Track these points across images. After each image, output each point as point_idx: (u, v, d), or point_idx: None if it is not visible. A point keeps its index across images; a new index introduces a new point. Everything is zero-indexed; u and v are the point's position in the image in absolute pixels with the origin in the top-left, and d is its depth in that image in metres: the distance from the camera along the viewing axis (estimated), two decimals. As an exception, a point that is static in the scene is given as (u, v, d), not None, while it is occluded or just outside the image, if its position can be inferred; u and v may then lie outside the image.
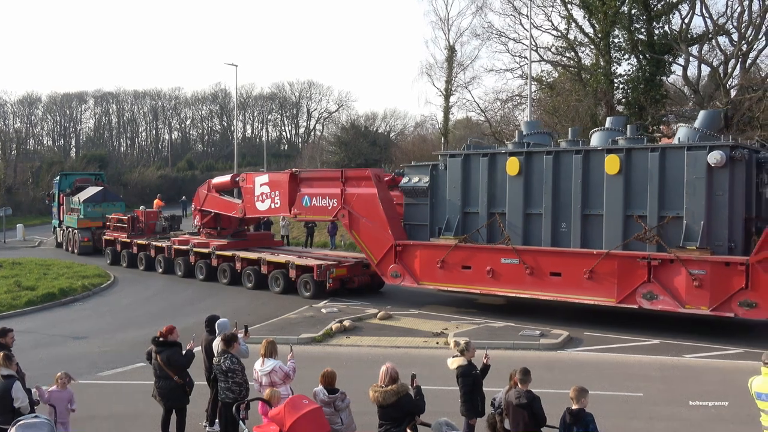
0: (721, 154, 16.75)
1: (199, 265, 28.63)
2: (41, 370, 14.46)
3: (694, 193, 17.20)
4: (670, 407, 12.49)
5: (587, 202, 18.91)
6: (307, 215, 25.43)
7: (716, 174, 17.01)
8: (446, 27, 51.67)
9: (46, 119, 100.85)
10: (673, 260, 17.29)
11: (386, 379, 8.42)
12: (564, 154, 19.46)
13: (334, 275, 23.97)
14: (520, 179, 19.94)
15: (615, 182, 18.34)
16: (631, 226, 18.18)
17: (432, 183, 21.86)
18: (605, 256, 18.20)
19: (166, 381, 10.55)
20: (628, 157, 18.26)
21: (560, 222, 19.37)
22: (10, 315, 21.79)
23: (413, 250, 21.65)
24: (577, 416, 8.04)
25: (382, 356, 15.77)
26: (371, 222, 22.49)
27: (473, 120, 55.55)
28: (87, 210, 38.16)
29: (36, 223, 57.26)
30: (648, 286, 17.68)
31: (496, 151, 21.01)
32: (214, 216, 29.86)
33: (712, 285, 16.84)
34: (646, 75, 35.21)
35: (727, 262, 16.75)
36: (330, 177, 24.56)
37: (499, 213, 20.37)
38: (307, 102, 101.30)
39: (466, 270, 20.58)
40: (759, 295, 16.29)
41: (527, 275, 19.49)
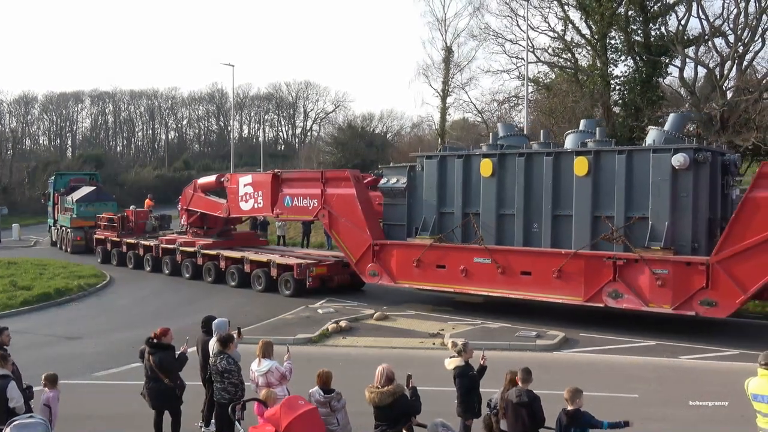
0: (684, 157, 17.15)
1: (185, 263, 29.00)
2: (36, 370, 14.44)
3: (659, 195, 17.61)
4: (666, 408, 12.50)
5: (557, 202, 19.32)
6: (288, 215, 25.95)
7: (680, 176, 17.45)
8: (443, 28, 51.77)
9: (42, 119, 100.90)
10: (638, 260, 17.71)
11: (382, 379, 8.42)
12: (536, 156, 19.87)
13: (314, 274, 24.42)
14: (493, 180, 20.38)
15: (584, 184, 18.78)
16: (600, 226, 18.59)
17: (409, 184, 22.28)
18: (573, 255, 18.62)
19: (156, 383, 10.51)
20: (596, 159, 18.69)
21: (532, 222, 19.79)
22: (5, 315, 21.74)
23: (390, 250, 22.06)
24: (574, 417, 8.04)
25: (378, 357, 15.73)
26: (350, 222, 22.86)
27: (470, 121, 55.66)
28: (80, 209, 38.65)
29: (32, 223, 57.16)
30: (613, 285, 18.09)
31: (471, 153, 21.38)
32: (200, 215, 30.36)
33: (674, 284, 17.24)
34: (642, 76, 35.27)
35: (688, 262, 17.17)
36: (311, 178, 25.03)
37: (473, 213, 20.79)
38: (303, 102, 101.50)
39: (441, 269, 20.97)
40: (718, 294, 16.71)
41: (499, 274, 19.87)
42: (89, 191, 39.91)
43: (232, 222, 30.60)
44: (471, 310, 21.21)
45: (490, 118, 46.07)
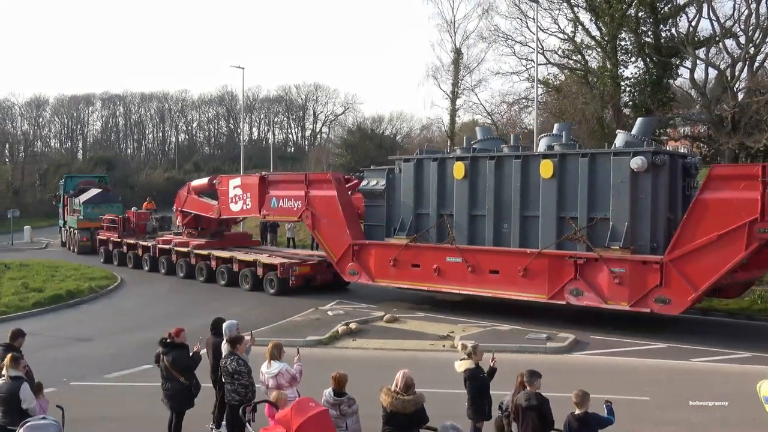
0: (642, 160, 17.71)
1: (179, 263, 29.92)
2: (48, 372, 14.52)
3: (619, 196, 18.19)
4: (677, 411, 12.45)
5: (525, 204, 19.96)
6: (274, 216, 26.97)
7: (639, 178, 18.00)
8: (452, 30, 51.68)
9: (53, 121, 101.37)
10: (597, 259, 18.36)
11: (401, 385, 8.34)
12: (505, 159, 20.53)
13: (297, 273, 25.20)
14: (465, 183, 21.04)
15: (549, 186, 19.41)
16: (565, 227, 19.20)
17: (388, 186, 23.06)
18: (537, 255, 19.33)
19: (172, 383, 10.57)
20: (561, 162, 19.31)
21: (502, 223, 20.44)
22: (17, 316, 21.83)
23: (369, 249, 22.85)
24: (584, 420, 8.00)
25: (388, 359, 15.79)
26: (331, 223, 23.69)
27: (479, 123, 55.53)
28: (86, 211, 39.84)
29: (43, 225, 57.44)
30: (575, 283, 18.75)
31: (446, 156, 22.23)
32: (194, 217, 31.16)
33: (631, 282, 17.84)
34: (653, 78, 35.14)
35: (644, 261, 17.74)
36: (295, 180, 25.81)
37: (447, 214, 21.46)
38: (313, 104, 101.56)
39: (416, 268, 21.75)
40: (672, 291, 17.30)
41: (469, 273, 20.58)
42: (96, 193, 41.16)
43: (226, 223, 31.47)
44: (481, 313, 21.17)
45: (499, 120, 46.02)
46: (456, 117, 52.78)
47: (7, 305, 22.74)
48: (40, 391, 9.58)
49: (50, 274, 29.13)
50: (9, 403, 8.96)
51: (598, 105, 36.47)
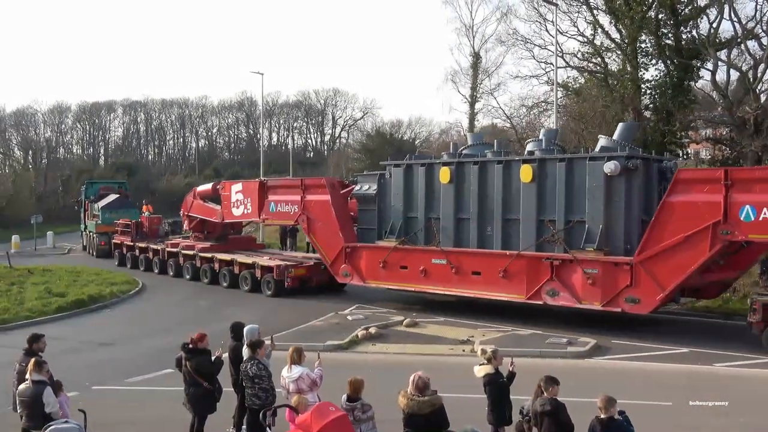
0: (615, 164, 18.29)
1: (185, 266, 31.06)
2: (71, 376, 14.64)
3: (594, 200, 18.83)
4: (699, 417, 12.31)
5: (507, 207, 20.63)
6: (273, 220, 28.04)
7: (613, 182, 18.60)
8: (471, 34, 51.61)
9: (75, 128, 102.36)
10: (572, 260, 18.99)
11: (417, 386, 8.31)
12: (488, 164, 21.24)
13: (293, 275, 26.16)
14: (451, 187, 21.78)
15: (529, 190, 20.10)
16: (544, 229, 19.84)
17: (379, 190, 23.87)
18: (516, 256, 20.04)
19: (195, 388, 10.62)
20: (540, 167, 19.98)
21: (486, 226, 21.12)
22: (41, 321, 22.08)
23: (360, 252, 23.74)
24: (608, 425, 7.90)
25: (408, 364, 15.72)
26: (325, 226, 24.57)
27: (498, 126, 55.33)
28: (105, 216, 41.58)
29: (66, 231, 58.06)
30: (551, 284, 19.39)
31: (433, 161, 22.94)
32: (200, 221, 32.33)
33: (603, 283, 18.46)
34: (673, 80, 34.80)
35: (615, 262, 18.36)
36: (292, 185, 26.76)
37: (434, 218, 22.22)
38: (332, 109, 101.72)
39: (404, 269, 22.57)
40: (641, 291, 17.89)
41: (453, 274, 21.33)
42: (113, 199, 42.92)
43: (232, 226, 32.65)
44: (501, 317, 21.09)
45: (518, 123, 45.78)
46: (475, 121, 52.66)
47: (30, 310, 23.02)
48: (60, 389, 9.69)
49: (72, 279, 29.44)
50: (32, 407, 9.07)
51: (619, 108, 36.14)
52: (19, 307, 23.26)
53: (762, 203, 16.13)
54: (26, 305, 23.59)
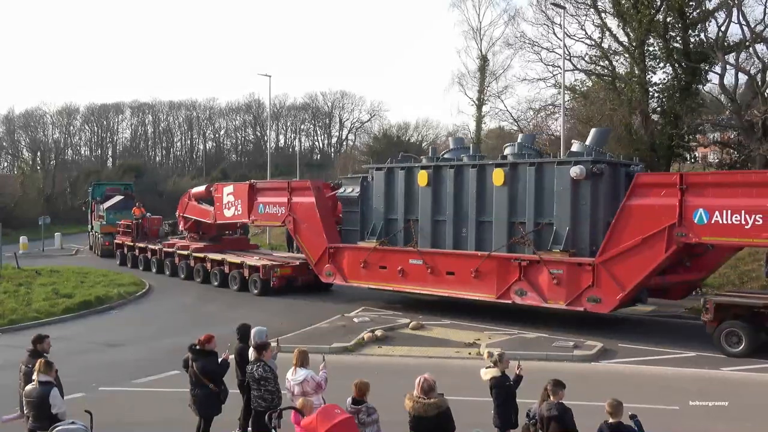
0: (581, 168, 18.87)
1: (180, 265, 32.24)
2: (78, 377, 14.69)
3: (562, 203, 19.46)
4: (707, 421, 12.26)
5: (481, 210, 21.35)
6: (262, 221, 28.80)
7: (580, 186, 19.21)
8: (478, 37, 51.63)
9: (84, 129, 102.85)
10: (539, 261, 19.56)
11: (422, 388, 8.29)
12: (463, 167, 21.93)
13: (278, 274, 26.94)
14: (429, 190, 22.47)
15: (501, 193, 20.83)
16: (515, 231, 20.54)
17: (362, 193, 24.60)
18: (487, 257, 20.71)
19: (201, 389, 10.63)
20: (512, 171, 20.69)
21: (461, 227, 21.78)
22: (48, 322, 22.17)
23: (342, 252, 24.47)
24: (617, 430, 7.87)
25: (414, 366, 15.72)
26: (310, 227, 25.33)
27: (506, 129, 55.25)
28: (109, 217, 42.69)
29: (74, 232, 58.27)
30: (519, 284, 20.03)
31: (412, 165, 23.51)
32: (195, 221, 33.18)
33: (567, 283, 19.09)
34: (681, 84, 34.72)
35: (579, 263, 18.98)
36: (279, 187, 27.48)
37: (413, 219, 22.93)
38: (339, 112, 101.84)
39: (383, 269, 23.28)
40: (602, 291, 18.51)
41: (429, 274, 22.03)
42: (118, 200, 43.92)
43: (227, 227, 33.46)
44: (507, 320, 21.07)
45: (526, 126, 45.68)
46: (482, 124, 52.66)
47: (38, 311, 23.10)
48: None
49: (80, 280, 29.55)
50: (39, 408, 9.09)
51: (626, 111, 36.07)
52: (26, 308, 23.34)
53: (714, 207, 16.75)
54: (34, 306, 23.67)
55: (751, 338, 16.75)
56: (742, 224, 16.35)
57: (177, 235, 36.86)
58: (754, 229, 16.23)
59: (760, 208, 16.15)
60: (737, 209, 16.41)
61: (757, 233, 16.24)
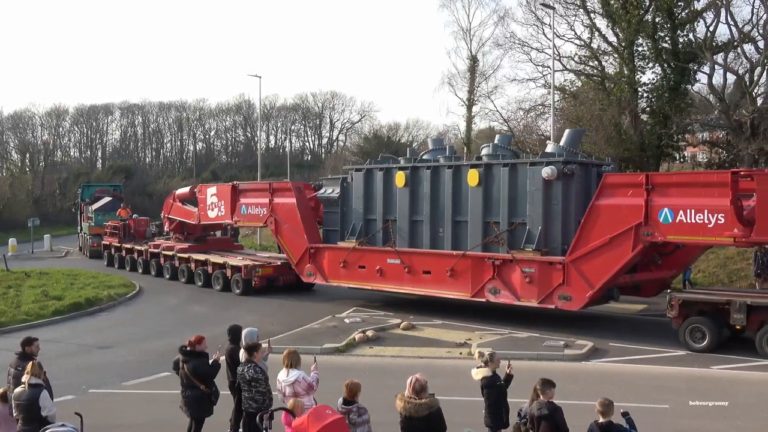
0: (552, 169, 19.20)
1: (165, 266, 32.41)
2: (67, 379, 14.63)
3: (534, 203, 19.78)
4: (697, 420, 12.32)
5: (457, 210, 21.61)
6: (244, 222, 29.00)
7: (552, 186, 19.50)
8: (468, 37, 51.60)
9: (73, 131, 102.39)
10: (511, 260, 19.94)
11: (414, 389, 8.30)
12: (439, 168, 22.18)
13: (260, 274, 27.35)
14: (406, 190, 22.77)
15: (476, 193, 21.08)
16: (490, 231, 20.81)
17: (342, 193, 24.84)
18: (462, 256, 21.06)
19: (192, 390, 10.59)
20: (487, 171, 20.97)
21: (438, 227, 22.05)
22: (37, 324, 22.03)
23: (323, 252, 24.79)
24: (608, 429, 7.88)
25: (405, 366, 15.74)
26: (291, 228, 25.63)
27: (496, 130, 55.33)
28: (98, 218, 42.93)
29: (63, 234, 58.00)
30: (493, 282, 20.39)
31: (390, 166, 23.71)
32: (179, 222, 33.51)
33: (539, 281, 19.46)
34: (670, 84, 34.88)
35: (550, 261, 19.32)
36: (261, 189, 27.80)
37: (392, 220, 23.21)
38: (330, 112, 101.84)
39: (362, 269, 23.61)
40: (572, 289, 18.87)
41: (406, 273, 22.39)
42: (106, 201, 44.11)
43: (212, 228, 33.64)
44: (498, 320, 21.11)
45: (516, 126, 45.78)
46: (472, 124, 52.67)
47: (27, 313, 22.97)
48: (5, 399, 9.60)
49: (69, 282, 29.40)
50: (29, 411, 9.04)
51: (616, 111, 36.19)
52: (16, 311, 23.20)
53: (678, 206, 17.16)
54: (23, 308, 23.52)
55: (714, 334, 17.15)
56: (705, 223, 16.79)
57: (163, 236, 37.03)
58: (716, 227, 16.66)
59: (722, 208, 16.55)
60: (700, 209, 16.85)
61: (719, 232, 16.65)
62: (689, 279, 25.23)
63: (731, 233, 16.50)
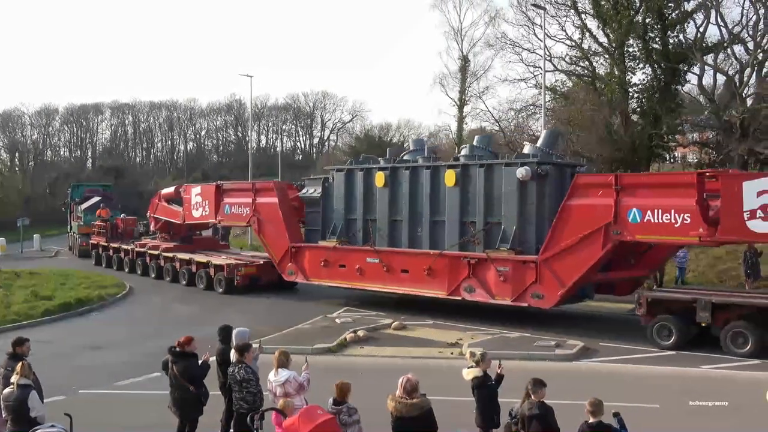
0: (526, 170, 19.53)
1: (151, 265, 32.77)
2: (58, 380, 14.56)
3: (509, 203, 20.16)
4: (687, 419, 12.36)
5: (435, 210, 21.97)
6: (228, 221, 29.50)
7: (526, 186, 19.83)
8: (459, 37, 51.76)
9: (63, 130, 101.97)
10: (486, 259, 20.28)
11: (405, 389, 8.30)
12: (419, 169, 22.58)
13: (242, 273, 27.70)
14: (386, 191, 23.15)
15: (453, 193, 21.42)
16: (466, 230, 21.18)
17: (323, 193, 25.21)
18: (439, 255, 21.42)
19: (181, 391, 10.55)
20: (463, 172, 21.30)
21: (417, 227, 22.42)
22: (27, 325, 21.88)
23: (304, 251, 25.17)
24: (598, 430, 7.88)
25: (397, 366, 15.72)
26: (273, 227, 25.99)
27: (487, 130, 55.38)
28: (86, 218, 43.09)
29: (53, 234, 57.73)
30: (469, 281, 20.74)
31: (371, 167, 24.08)
32: (165, 222, 33.78)
33: (513, 280, 19.81)
34: (661, 84, 35.06)
35: (523, 260, 19.67)
36: (244, 188, 28.22)
37: (372, 219, 23.57)
38: (321, 112, 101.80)
39: (342, 268, 23.97)
40: (544, 287, 19.20)
41: (385, 272, 22.75)
42: (95, 201, 44.22)
43: (197, 227, 34.07)
44: (490, 320, 21.14)
45: (507, 126, 45.90)
46: (464, 124, 52.82)
47: (17, 313, 22.82)
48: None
49: (60, 282, 29.25)
50: (18, 412, 8.99)
51: (606, 111, 36.35)
52: (6, 311, 23.03)
53: (646, 206, 17.49)
54: (13, 309, 23.35)
55: (681, 332, 17.49)
56: (672, 223, 17.12)
57: (150, 235, 37.16)
58: (682, 227, 17.00)
59: (688, 208, 16.90)
60: (667, 209, 17.18)
61: (685, 231, 17.02)
62: (683, 279, 25.40)
63: (696, 233, 16.89)
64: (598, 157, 35.87)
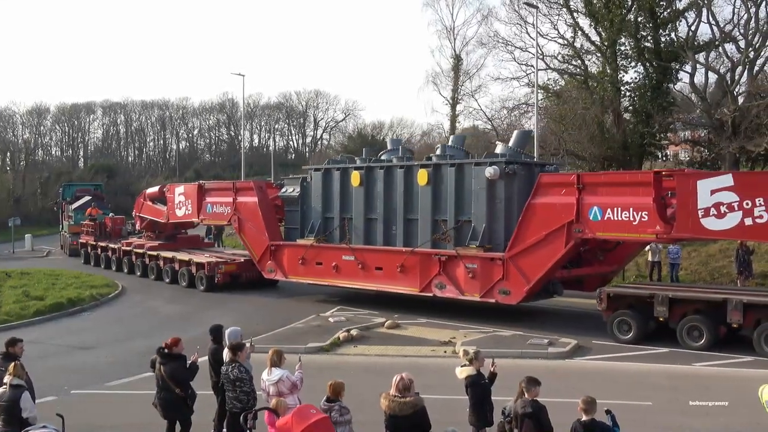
0: (495, 169, 19.95)
1: (137, 263, 33.24)
2: (49, 380, 14.50)
3: (478, 201, 20.60)
4: (680, 417, 12.39)
5: (408, 208, 22.45)
6: (210, 220, 29.97)
7: (495, 185, 20.29)
8: (452, 36, 51.85)
9: (54, 130, 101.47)
10: (456, 256, 20.70)
11: (399, 387, 8.28)
12: (393, 168, 23.02)
13: (223, 271, 28.12)
14: (361, 190, 23.58)
15: (425, 192, 21.87)
16: (438, 228, 21.59)
17: (302, 192, 25.72)
18: (410, 253, 21.90)
19: (167, 393, 10.49)
20: (435, 171, 21.79)
21: (391, 225, 22.90)
22: (18, 325, 21.80)
23: (283, 249, 25.64)
24: (591, 428, 7.89)
25: (390, 365, 15.73)
26: (253, 226, 26.45)
27: (480, 128, 55.54)
28: (77, 217, 43.31)
29: (45, 233, 57.52)
30: (439, 278, 21.20)
31: (347, 166, 24.58)
32: (150, 221, 34.25)
33: (481, 276, 20.27)
34: (652, 82, 35.14)
35: (491, 257, 20.09)
36: (225, 188, 28.66)
37: (348, 218, 24.03)
38: (314, 111, 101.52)
39: (319, 265, 24.48)
40: (511, 284, 19.70)
41: (360, 269, 23.25)
42: (86, 201, 44.52)
43: (183, 226, 34.40)
44: (483, 318, 21.16)
45: (500, 125, 45.97)
46: (456, 123, 52.85)
47: (8, 314, 22.71)
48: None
49: (51, 282, 29.14)
50: (10, 412, 8.94)
51: (599, 110, 36.43)
52: (-4, 311, 22.95)
53: (606, 204, 18.00)
54: (4, 309, 23.24)
55: (639, 326, 17.99)
56: (630, 220, 17.61)
57: (137, 234, 37.42)
58: (640, 224, 17.49)
59: (645, 206, 17.38)
60: (626, 207, 17.66)
61: (643, 228, 17.49)
62: (677, 276, 25.50)
63: (654, 230, 17.35)
64: (590, 155, 35.98)
